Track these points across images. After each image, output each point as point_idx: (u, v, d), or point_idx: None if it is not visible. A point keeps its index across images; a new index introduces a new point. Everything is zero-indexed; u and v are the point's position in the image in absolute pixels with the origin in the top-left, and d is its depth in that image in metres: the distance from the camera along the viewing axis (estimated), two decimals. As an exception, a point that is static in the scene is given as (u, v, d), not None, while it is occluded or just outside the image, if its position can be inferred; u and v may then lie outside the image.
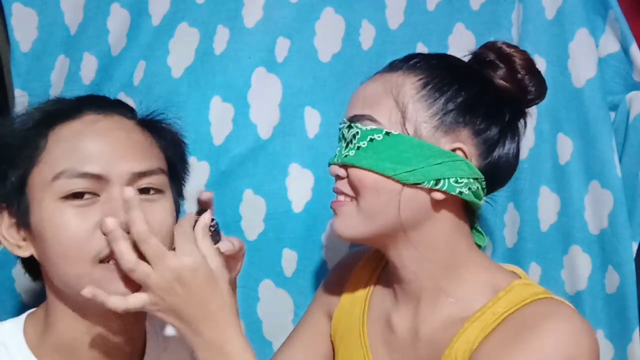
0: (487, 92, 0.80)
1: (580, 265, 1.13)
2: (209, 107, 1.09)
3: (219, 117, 1.09)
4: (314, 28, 1.12)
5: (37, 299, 1.10)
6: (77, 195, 0.70)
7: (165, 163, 0.79)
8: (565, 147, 1.14)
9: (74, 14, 1.11)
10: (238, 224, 1.10)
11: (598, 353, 0.72)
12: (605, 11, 1.13)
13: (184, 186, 0.85)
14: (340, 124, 0.83)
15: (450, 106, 0.78)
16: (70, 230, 0.69)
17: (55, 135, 0.73)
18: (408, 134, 0.77)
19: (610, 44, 1.14)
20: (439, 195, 0.77)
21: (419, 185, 0.77)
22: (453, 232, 0.80)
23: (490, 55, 0.82)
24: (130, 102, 1.07)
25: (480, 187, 0.79)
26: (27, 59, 1.10)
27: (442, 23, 1.17)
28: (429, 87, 0.78)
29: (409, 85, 0.79)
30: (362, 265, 0.94)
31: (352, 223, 0.80)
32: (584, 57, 1.13)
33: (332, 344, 0.94)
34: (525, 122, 0.85)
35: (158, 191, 0.75)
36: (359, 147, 0.78)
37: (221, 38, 1.10)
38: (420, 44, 1.16)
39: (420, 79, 0.79)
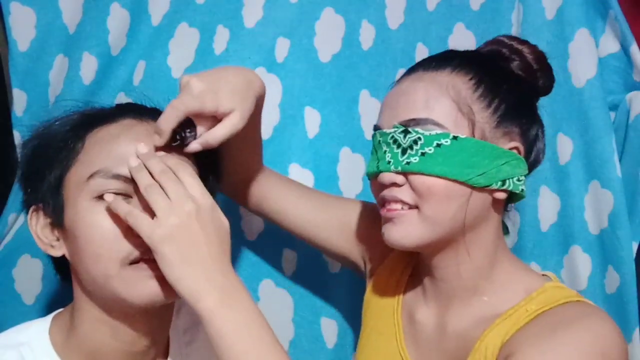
0: (522, 89, 0.80)
1: (580, 265, 1.13)
2: (208, 107, 1.09)
3: (219, 117, 1.09)
4: (314, 28, 1.11)
5: (37, 299, 1.10)
6: None
7: (197, 169, 0.79)
8: (565, 147, 1.14)
9: (73, 13, 1.10)
10: (238, 224, 1.10)
11: (627, 357, 0.72)
12: (605, 11, 1.13)
13: (217, 190, 0.85)
14: (385, 129, 0.79)
15: (504, 106, 0.77)
16: (101, 230, 0.70)
17: (92, 137, 0.75)
18: (474, 136, 0.76)
19: (610, 44, 1.14)
20: (502, 195, 0.78)
21: (487, 188, 0.76)
22: (497, 230, 0.81)
23: (504, 50, 0.82)
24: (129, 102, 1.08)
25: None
26: (25, 58, 1.09)
27: (442, 23, 1.17)
28: (483, 86, 0.77)
29: (462, 85, 0.77)
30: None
31: (416, 232, 0.77)
32: (584, 57, 1.13)
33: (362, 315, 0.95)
34: None
35: None
36: (423, 154, 0.75)
37: (221, 38, 1.10)
38: (420, 44, 1.16)
39: (471, 79, 0.77)
